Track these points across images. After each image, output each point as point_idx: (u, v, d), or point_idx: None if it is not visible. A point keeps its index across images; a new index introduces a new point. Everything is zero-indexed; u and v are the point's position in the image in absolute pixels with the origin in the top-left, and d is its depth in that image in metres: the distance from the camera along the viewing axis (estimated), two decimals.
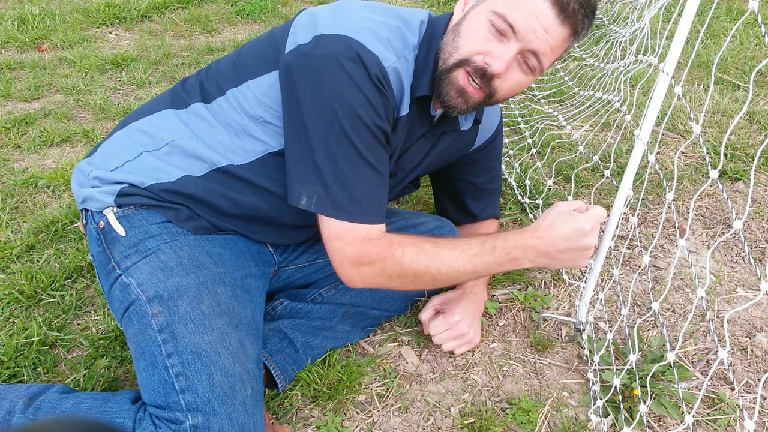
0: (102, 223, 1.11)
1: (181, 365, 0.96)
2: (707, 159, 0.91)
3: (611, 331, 1.24)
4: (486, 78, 1.00)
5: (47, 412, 0.99)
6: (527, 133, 2.14)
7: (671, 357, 0.97)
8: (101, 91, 2.54)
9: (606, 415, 1.17)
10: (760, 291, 1.41)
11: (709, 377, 1.09)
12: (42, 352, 1.30)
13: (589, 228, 1.08)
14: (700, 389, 1.22)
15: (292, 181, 1.02)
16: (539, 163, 1.94)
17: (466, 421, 1.16)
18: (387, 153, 1.06)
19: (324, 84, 0.97)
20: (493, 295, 1.48)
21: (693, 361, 1.30)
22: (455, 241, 1.12)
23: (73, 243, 1.63)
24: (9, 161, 2.03)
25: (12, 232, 1.67)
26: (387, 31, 1.03)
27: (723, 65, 2.68)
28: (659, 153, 2.06)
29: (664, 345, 1.29)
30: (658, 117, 2.16)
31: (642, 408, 1.03)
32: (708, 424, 1.16)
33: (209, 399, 0.94)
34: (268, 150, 1.10)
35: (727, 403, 1.18)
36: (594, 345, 1.30)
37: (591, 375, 1.24)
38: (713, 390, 1.22)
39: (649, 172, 1.92)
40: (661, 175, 1.08)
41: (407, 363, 1.30)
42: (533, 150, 2.06)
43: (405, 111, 1.08)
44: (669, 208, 1.70)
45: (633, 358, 1.07)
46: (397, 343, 1.35)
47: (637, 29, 2.13)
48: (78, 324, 1.39)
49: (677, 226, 1.10)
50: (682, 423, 1.15)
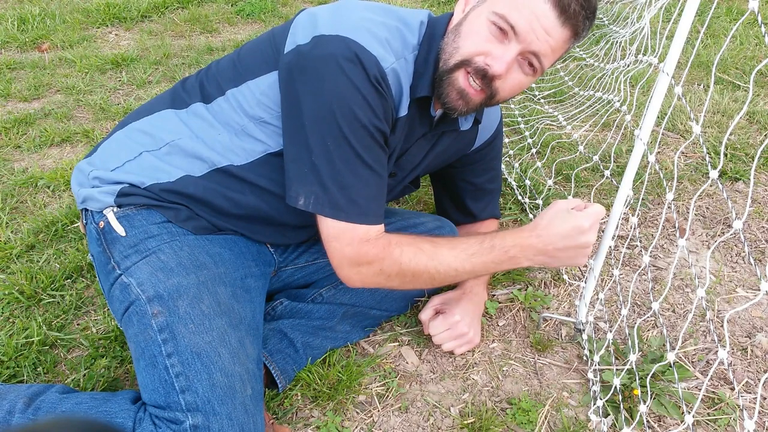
0: (102, 223, 1.11)
1: (181, 365, 0.96)
2: (707, 159, 0.91)
3: (611, 331, 1.24)
4: (487, 79, 1.00)
5: (47, 412, 0.99)
6: (527, 133, 2.14)
7: (671, 357, 0.97)
8: (101, 91, 2.54)
9: (606, 415, 1.17)
10: (760, 291, 1.41)
11: (709, 377, 1.09)
12: (42, 352, 1.30)
13: (588, 226, 1.08)
14: (700, 389, 1.22)
15: (290, 182, 1.03)
16: (539, 163, 1.94)
17: (466, 421, 1.16)
18: (385, 154, 1.06)
19: (322, 85, 0.97)
20: (493, 295, 1.48)
21: (693, 361, 1.30)
22: (454, 241, 1.12)
23: (73, 243, 1.63)
24: (9, 161, 2.03)
25: (12, 232, 1.67)
26: (386, 32, 1.03)
27: (723, 65, 2.68)
28: (659, 153, 2.06)
29: (664, 345, 1.29)
30: (658, 117, 2.16)
31: (642, 408, 1.03)
32: (708, 424, 1.16)
33: (209, 399, 0.94)
34: (267, 150, 1.10)
35: (727, 403, 1.18)
36: (594, 345, 1.30)
37: (591, 375, 1.24)
38: (713, 390, 1.22)
39: (649, 172, 1.92)
40: (661, 175, 1.08)
41: (407, 363, 1.30)
42: (533, 150, 2.06)
43: (404, 112, 1.08)
44: (669, 208, 1.70)
45: (633, 358, 1.07)
46: (397, 343, 1.35)
47: (637, 29, 2.13)
48: (78, 324, 1.39)
49: (677, 226, 1.10)
50: (682, 423, 1.15)
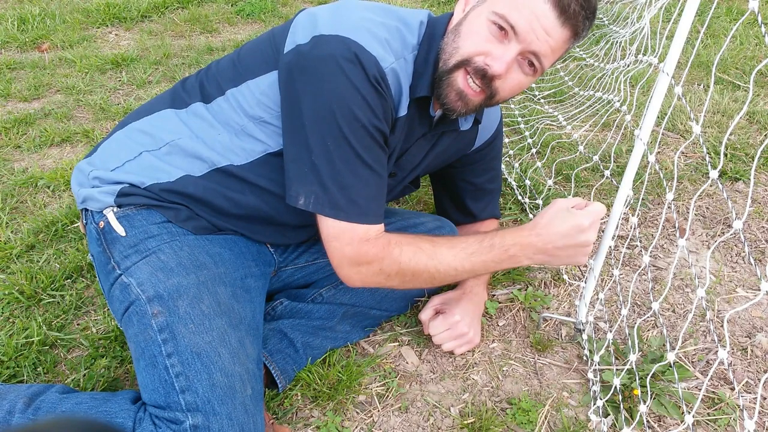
0: (102, 223, 1.11)
1: (181, 365, 0.96)
2: (707, 159, 0.91)
3: (611, 331, 1.24)
4: (486, 79, 1.00)
5: (47, 412, 0.99)
6: (527, 133, 2.14)
7: (671, 357, 0.97)
8: (101, 91, 2.54)
9: (606, 415, 1.17)
10: (760, 291, 1.41)
11: (709, 377, 1.09)
12: (42, 352, 1.30)
13: (587, 225, 1.08)
14: (700, 389, 1.22)
15: (290, 181, 1.03)
16: (539, 163, 1.94)
17: (466, 421, 1.16)
18: (385, 154, 1.06)
19: (322, 85, 0.97)
20: (493, 295, 1.48)
21: (693, 361, 1.30)
22: (453, 240, 1.12)
23: (73, 243, 1.63)
24: (9, 161, 2.03)
25: (12, 232, 1.67)
26: (386, 32, 1.03)
27: (723, 65, 2.68)
28: (659, 153, 2.06)
29: (664, 345, 1.29)
30: (658, 117, 2.16)
31: (642, 408, 1.03)
32: (708, 424, 1.16)
33: (209, 399, 0.94)
34: (267, 150, 1.10)
35: (727, 403, 1.18)
36: (594, 345, 1.30)
37: (591, 375, 1.24)
38: (713, 390, 1.22)
39: (649, 172, 1.92)
40: (661, 175, 1.08)
41: (407, 363, 1.30)
42: (533, 150, 2.06)
43: (404, 112, 1.08)
44: (669, 208, 1.70)
45: (633, 358, 1.07)
46: (397, 343, 1.35)
47: (637, 29, 2.13)
48: (78, 324, 1.39)
49: (677, 226, 1.10)
50: (682, 423, 1.15)
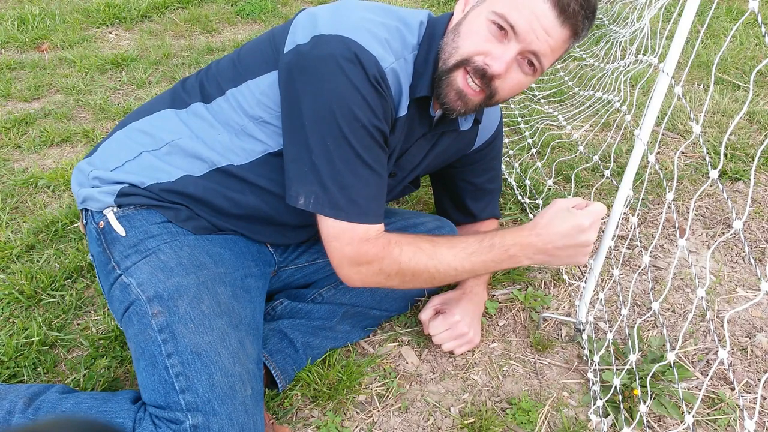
0: (102, 223, 1.11)
1: (181, 365, 0.96)
2: (707, 159, 0.91)
3: (611, 331, 1.24)
4: (486, 78, 1.00)
5: (47, 412, 0.99)
6: (527, 133, 2.14)
7: (671, 357, 0.97)
8: (101, 91, 2.54)
9: (606, 415, 1.17)
10: (760, 291, 1.41)
11: (709, 377, 1.09)
12: (42, 352, 1.30)
13: (588, 225, 1.08)
14: (700, 389, 1.22)
15: (290, 181, 1.03)
16: (539, 163, 1.94)
17: (466, 421, 1.16)
18: (385, 154, 1.06)
19: (322, 84, 0.97)
20: (493, 295, 1.48)
21: (693, 361, 1.30)
22: (453, 240, 1.12)
23: (73, 243, 1.63)
24: (9, 161, 2.03)
25: (12, 232, 1.67)
26: (386, 32, 1.03)
27: (723, 65, 2.68)
28: (659, 153, 2.06)
29: (664, 345, 1.29)
30: (658, 117, 2.16)
31: (642, 408, 1.03)
32: (708, 424, 1.16)
33: (209, 399, 0.94)
34: (267, 150, 1.10)
35: (727, 403, 1.18)
36: (594, 345, 1.30)
37: (591, 375, 1.24)
38: (713, 390, 1.22)
39: (649, 172, 1.92)
40: (661, 175, 1.08)
41: (407, 363, 1.30)
42: (533, 150, 2.06)
43: (404, 111, 1.08)
44: (669, 208, 1.70)
45: (633, 358, 1.07)
46: (397, 343, 1.35)
47: (637, 29, 2.13)
48: (78, 324, 1.39)
49: (677, 226, 1.10)
50: (682, 423, 1.15)
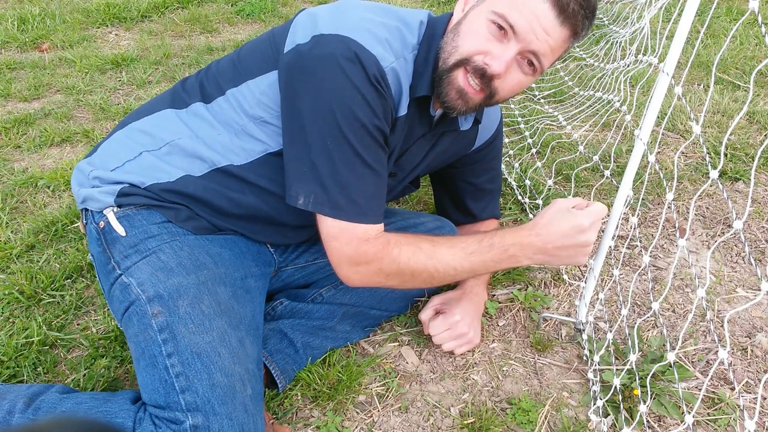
0: (102, 223, 1.11)
1: (181, 365, 0.96)
2: (707, 159, 0.91)
3: (611, 331, 1.24)
4: (486, 78, 1.00)
5: (47, 412, 0.99)
6: (527, 133, 2.14)
7: (671, 357, 0.97)
8: (101, 91, 2.54)
9: (606, 415, 1.17)
10: (760, 291, 1.41)
11: (709, 377, 1.09)
12: (42, 352, 1.30)
13: (587, 225, 1.08)
14: (700, 389, 1.22)
15: (289, 181, 1.03)
16: (539, 163, 1.94)
17: (466, 421, 1.16)
18: (385, 153, 1.06)
19: (322, 84, 0.97)
20: (493, 295, 1.48)
21: (693, 361, 1.30)
22: (453, 240, 1.12)
23: (73, 243, 1.63)
24: (9, 161, 2.03)
25: (12, 232, 1.67)
26: (386, 32, 1.03)
27: (723, 65, 2.68)
28: (659, 153, 2.06)
29: (664, 345, 1.29)
30: (658, 117, 2.16)
31: (642, 408, 1.03)
32: (708, 424, 1.16)
33: (209, 399, 0.94)
34: (267, 150, 1.10)
35: (727, 403, 1.18)
36: (594, 345, 1.30)
37: (591, 375, 1.24)
38: (713, 390, 1.22)
39: (649, 172, 1.92)
40: (661, 175, 1.08)
41: (407, 363, 1.30)
42: (533, 150, 2.06)
43: (403, 111, 1.08)
44: (669, 208, 1.70)
45: (633, 358, 1.07)
46: (397, 343, 1.35)
47: (637, 29, 2.13)
48: (78, 324, 1.39)
49: (677, 226, 1.10)
50: (682, 423, 1.15)
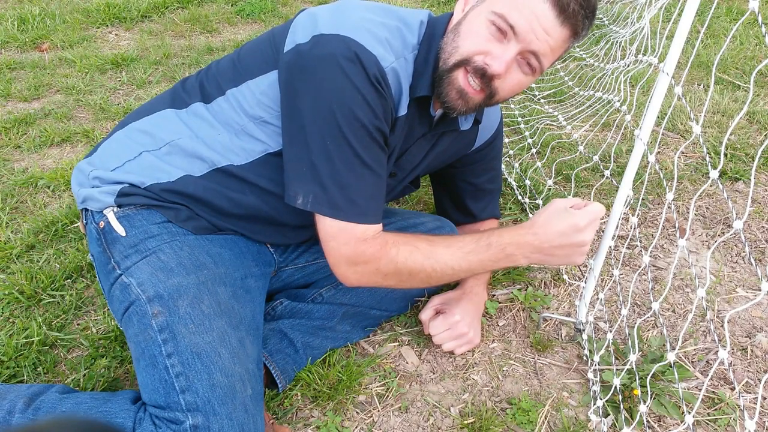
0: (102, 223, 1.11)
1: (181, 365, 0.96)
2: (707, 159, 0.91)
3: (611, 331, 1.24)
4: (486, 78, 1.00)
5: (47, 412, 0.99)
6: (527, 133, 2.14)
7: (671, 357, 0.97)
8: (101, 91, 2.54)
9: (606, 415, 1.17)
10: (760, 291, 1.41)
11: (709, 377, 1.09)
12: (42, 352, 1.30)
13: (584, 225, 1.08)
14: (700, 389, 1.22)
15: (289, 181, 1.03)
16: (539, 163, 1.94)
17: (466, 421, 1.16)
18: (385, 154, 1.06)
19: (322, 84, 0.97)
20: (493, 295, 1.48)
21: (693, 361, 1.30)
22: (450, 239, 1.12)
23: (73, 243, 1.63)
24: (9, 161, 2.03)
25: (12, 232, 1.67)
26: (386, 32, 1.03)
27: (723, 65, 2.68)
28: (659, 153, 2.06)
29: (664, 345, 1.29)
30: (658, 117, 2.16)
31: (642, 408, 1.03)
32: (708, 424, 1.16)
33: (209, 399, 0.94)
34: (267, 150, 1.10)
35: (727, 403, 1.18)
36: (594, 345, 1.30)
37: (591, 375, 1.24)
38: (713, 390, 1.22)
39: (649, 172, 1.92)
40: (661, 175, 1.08)
41: (407, 363, 1.30)
42: (533, 150, 2.06)
43: (403, 111, 1.08)
44: (669, 208, 1.70)
45: (633, 358, 1.07)
46: (397, 343, 1.35)
47: (637, 29, 2.13)
48: (78, 324, 1.39)
49: (677, 226, 1.10)
50: (682, 423, 1.15)
